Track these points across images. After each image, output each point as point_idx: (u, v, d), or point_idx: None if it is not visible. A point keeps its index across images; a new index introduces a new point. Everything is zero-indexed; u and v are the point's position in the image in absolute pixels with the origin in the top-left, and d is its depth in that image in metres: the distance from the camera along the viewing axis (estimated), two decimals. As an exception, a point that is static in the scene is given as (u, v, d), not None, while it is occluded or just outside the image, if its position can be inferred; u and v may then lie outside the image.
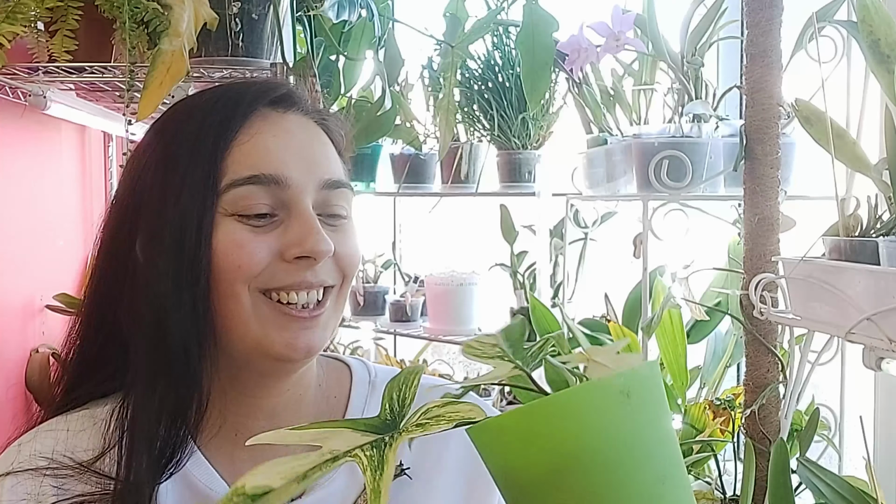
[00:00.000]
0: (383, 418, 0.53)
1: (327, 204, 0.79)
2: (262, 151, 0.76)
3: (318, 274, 0.76)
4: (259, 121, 0.78)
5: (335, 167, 0.81)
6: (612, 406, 0.50)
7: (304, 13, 1.50)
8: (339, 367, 0.89)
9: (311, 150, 0.79)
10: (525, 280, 1.93)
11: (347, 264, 0.79)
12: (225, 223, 0.75)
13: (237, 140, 0.77)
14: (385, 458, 0.49)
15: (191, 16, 1.18)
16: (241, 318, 0.75)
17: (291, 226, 0.76)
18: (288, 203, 0.76)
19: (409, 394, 0.54)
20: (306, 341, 0.76)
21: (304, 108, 0.82)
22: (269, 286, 0.75)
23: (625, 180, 1.42)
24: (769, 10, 1.11)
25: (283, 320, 0.75)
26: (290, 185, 0.76)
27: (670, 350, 1.43)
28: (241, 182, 0.75)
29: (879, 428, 1.38)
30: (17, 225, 1.72)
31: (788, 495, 1.06)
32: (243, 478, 0.47)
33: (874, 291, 0.84)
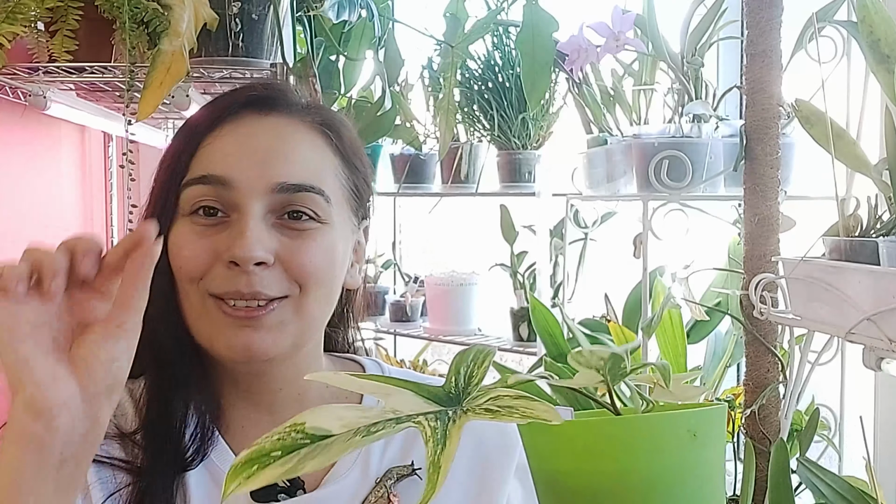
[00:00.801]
0: (447, 389, 0.51)
1: (287, 205, 0.76)
2: (217, 153, 0.77)
3: (254, 284, 0.73)
4: (231, 123, 0.78)
5: (302, 171, 0.77)
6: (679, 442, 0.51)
7: (304, 13, 1.49)
8: (351, 366, 0.89)
9: (272, 153, 0.77)
10: (525, 280, 1.93)
11: (301, 274, 0.76)
12: (181, 224, 0.77)
13: (204, 142, 0.78)
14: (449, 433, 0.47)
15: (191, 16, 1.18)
16: (194, 317, 0.76)
17: (231, 228, 0.75)
18: (235, 205, 0.75)
19: (479, 372, 0.51)
20: (245, 342, 0.74)
21: (292, 110, 0.81)
22: (212, 291, 0.75)
23: (625, 180, 1.42)
24: (769, 10, 1.11)
25: (223, 320, 0.74)
26: (234, 187, 0.75)
27: (670, 350, 1.43)
28: (192, 182, 0.76)
29: (879, 428, 1.38)
30: (17, 225, 1.72)
31: (788, 495, 1.06)
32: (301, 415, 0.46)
33: (874, 291, 0.84)
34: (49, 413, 0.61)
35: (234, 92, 0.84)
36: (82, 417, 0.62)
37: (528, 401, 0.48)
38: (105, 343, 0.63)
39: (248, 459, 0.46)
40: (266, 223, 0.75)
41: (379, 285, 2.19)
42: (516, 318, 1.92)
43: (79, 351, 0.63)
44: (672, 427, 0.51)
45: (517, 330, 1.91)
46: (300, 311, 0.76)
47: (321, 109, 0.84)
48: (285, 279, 0.75)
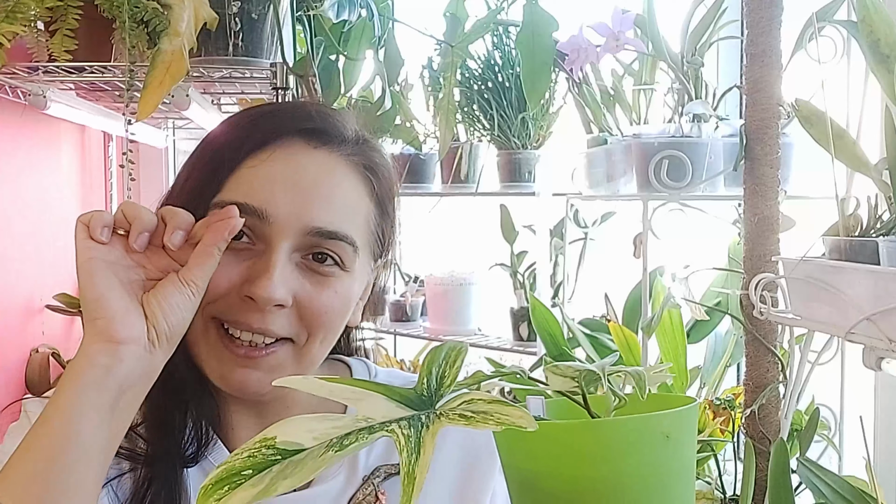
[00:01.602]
0: (419, 392, 0.49)
1: (315, 248, 0.76)
2: (257, 181, 0.75)
3: (266, 321, 0.73)
4: (280, 149, 0.76)
5: (339, 217, 0.76)
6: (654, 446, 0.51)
7: (304, 13, 1.49)
8: (338, 367, 0.89)
9: (314, 193, 0.76)
10: (525, 280, 1.93)
11: (312, 320, 0.75)
12: None
13: (246, 163, 0.76)
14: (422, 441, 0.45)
15: (191, 15, 1.18)
16: (193, 338, 0.75)
17: (258, 262, 0.74)
18: (266, 238, 0.74)
19: (451, 372, 0.51)
20: (241, 380, 0.74)
21: (340, 146, 0.79)
22: (218, 315, 0.74)
23: (625, 180, 1.42)
24: (769, 10, 1.11)
25: (221, 352, 0.75)
26: (270, 222, 0.74)
27: (670, 350, 1.43)
28: (225, 204, 0.74)
29: (879, 428, 1.38)
30: (17, 225, 1.72)
31: (788, 495, 1.06)
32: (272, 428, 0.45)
33: (874, 291, 0.84)
34: (117, 344, 0.66)
35: (284, 111, 0.82)
36: (144, 356, 0.68)
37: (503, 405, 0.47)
38: (175, 293, 0.69)
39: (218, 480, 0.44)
40: (291, 262, 0.75)
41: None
42: (516, 318, 1.92)
43: (150, 297, 0.69)
44: (646, 430, 0.51)
45: (517, 330, 1.91)
46: (300, 357, 0.77)
47: (368, 148, 0.82)
48: (296, 322, 0.75)
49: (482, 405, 0.47)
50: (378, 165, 0.81)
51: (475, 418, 0.46)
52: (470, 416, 0.46)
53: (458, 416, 0.46)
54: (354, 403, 0.48)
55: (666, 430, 0.51)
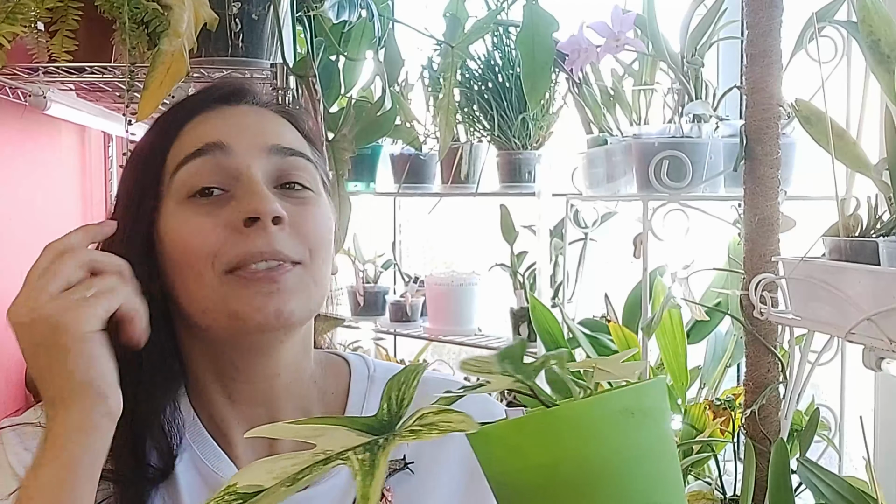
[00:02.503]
0: (380, 418, 0.51)
1: (283, 173, 0.77)
2: (206, 127, 0.78)
3: (273, 243, 0.73)
4: (208, 112, 0.80)
5: (289, 138, 0.80)
6: (616, 423, 0.50)
7: (304, 13, 1.49)
8: (337, 362, 0.89)
9: (259, 124, 0.80)
10: (525, 280, 1.93)
11: (310, 237, 0.77)
12: (177, 210, 0.76)
13: (185, 129, 0.79)
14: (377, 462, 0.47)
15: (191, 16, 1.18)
16: (213, 299, 0.74)
17: (239, 195, 0.75)
18: (234, 173, 0.75)
19: (409, 394, 0.52)
20: (276, 305, 0.73)
21: (258, 101, 0.83)
22: (230, 264, 0.74)
23: (625, 180, 1.42)
24: (769, 11, 1.11)
25: (248, 290, 0.73)
26: (233, 150, 0.76)
27: (670, 350, 1.43)
28: (187, 159, 0.76)
29: (879, 428, 1.38)
30: (17, 225, 1.72)
31: (788, 495, 1.06)
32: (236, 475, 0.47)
33: (874, 291, 0.84)
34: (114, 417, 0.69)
35: (197, 92, 0.86)
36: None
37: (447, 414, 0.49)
38: None
39: None
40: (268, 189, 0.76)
41: (379, 285, 2.19)
42: (516, 318, 1.92)
43: None
44: (604, 409, 0.50)
45: (517, 330, 1.91)
46: (314, 277, 0.77)
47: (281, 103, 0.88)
48: (298, 242, 0.75)
49: (430, 417, 0.49)
50: (298, 112, 0.86)
51: (423, 430, 0.49)
52: (419, 429, 0.49)
53: (408, 431, 0.49)
54: (316, 440, 0.49)
55: (629, 406, 0.50)
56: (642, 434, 0.51)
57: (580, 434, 0.49)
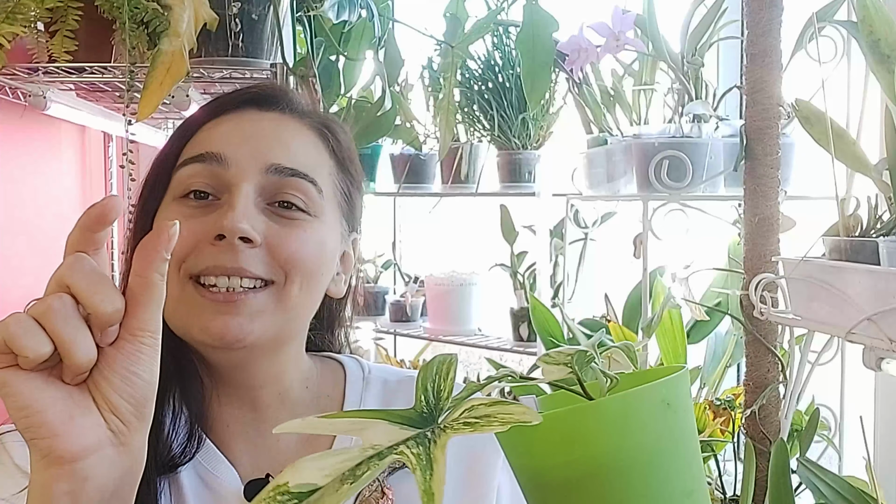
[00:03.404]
0: (419, 410, 0.49)
1: (279, 192, 0.76)
2: (213, 136, 0.78)
3: (239, 259, 0.72)
4: (232, 114, 0.80)
5: (298, 158, 0.78)
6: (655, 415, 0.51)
7: (304, 13, 1.49)
8: (332, 365, 0.89)
9: (269, 138, 0.78)
10: (525, 280, 1.93)
11: (288, 261, 0.74)
12: (170, 206, 0.77)
13: (203, 129, 0.79)
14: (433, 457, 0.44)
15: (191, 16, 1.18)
16: (171, 305, 0.72)
17: (220, 208, 0.74)
18: (227, 184, 0.75)
19: (446, 386, 0.50)
20: (221, 326, 0.72)
21: (292, 110, 0.82)
22: (194, 270, 0.73)
23: (625, 180, 1.42)
24: (769, 11, 1.11)
25: (200, 303, 0.73)
26: (230, 165, 0.75)
27: (670, 350, 1.43)
28: (187, 161, 0.77)
29: (879, 428, 1.38)
30: (18, 225, 1.72)
31: (788, 495, 1.06)
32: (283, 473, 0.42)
33: (874, 291, 0.84)
34: (74, 462, 0.52)
35: (236, 90, 0.85)
36: (116, 455, 0.54)
37: (504, 405, 0.47)
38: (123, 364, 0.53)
39: None
40: (256, 206, 0.75)
41: (379, 285, 2.19)
42: (516, 318, 1.92)
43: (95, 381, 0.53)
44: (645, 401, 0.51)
45: (517, 330, 1.91)
46: (282, 301, 0.74)
47: (321, 114, 0.85)
48: (270, 262, 0.74)
49: (484, 409, 0.47)
50: (334, 124, 0.84)
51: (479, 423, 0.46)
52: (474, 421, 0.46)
53: (462, 424, 0.46)
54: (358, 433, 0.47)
55: (665, 397, 0.51)
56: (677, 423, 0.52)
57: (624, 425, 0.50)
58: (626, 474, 0.50)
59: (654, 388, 0.51)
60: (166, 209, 0.77)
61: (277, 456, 0.80)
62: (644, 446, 0.50)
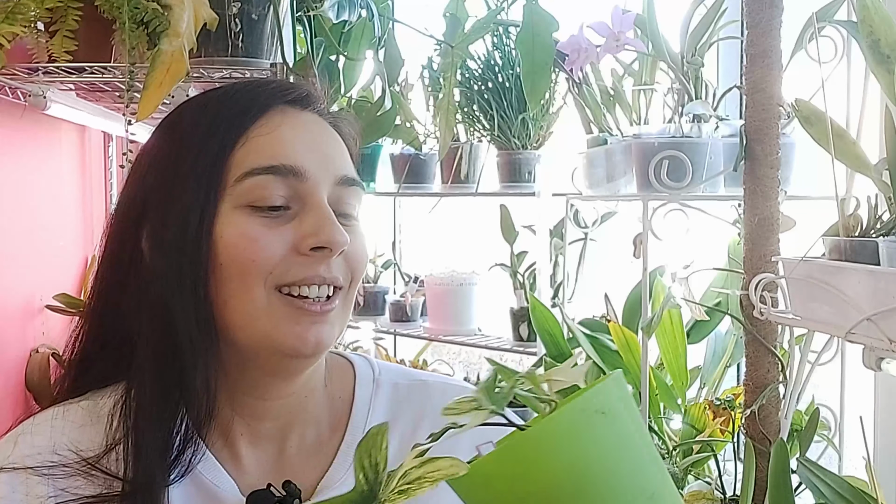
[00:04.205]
0: (360, 490, 0.50)
1: (340, 201, 0.79)
2: (281, 143, 0.77)
3: (332, 269, 0.76)
4: (278, 115, 0.79)
5: (349, 165, 0.82)
6: (591, 427, 0.50)
7: (304, 13, 1.49)
8: (342, 364, 0.88)
9: (327, 147, 0.80)
10: (525, 280, 1.93)
11: (357, 263, 0.79)
12: (235, 215, 0.74)
13: (254, 131, 0.76)
14: None
15: (191, 16, 1.18)
16: (253, 314, 0.74)
17: (306, 218, 0.75)
18: (304, 196, 0.76)
19: (381, 457, 0.51)
20: (316, 335, 0.75)
21: (318, 109, 0.83)
22: (284, 281, 0.74)
23: (625, 180, 1.42)
24: (769, 11, 1.11)
25: (295, 314, 0.74)
26: (307, 178, 0.76)
27: (670, 350, 1.43)
28: (258, 172, 0.75)
29: (879, 428, 1.38)
30: (18, 225, 1.72)
31: (788, 495, 1.06)
32: None
33: (874, 291, 0.84)
34: None
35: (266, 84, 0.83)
36: None
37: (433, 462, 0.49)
38: None
39: None
40: None
41: (379, 285, 2.19)
42: (516, 318, 1.92)
43: None
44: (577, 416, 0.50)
45: (517, 330, 1.91)
46: (346, 304, 0.79)
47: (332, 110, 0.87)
48: (346, 269, 0.78)
49: (415, 472, 0.49)
50: (343, 121, 0.86)
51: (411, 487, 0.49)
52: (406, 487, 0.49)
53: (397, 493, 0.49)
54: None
55: (597, 407, 0.50)
56: (617, 429, 0.51)
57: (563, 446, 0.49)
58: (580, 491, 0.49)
59: (583, 400, 0.50)
60: (231, 220, 0.74)
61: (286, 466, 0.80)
62: (590, 459, 0.50)
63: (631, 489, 0.51)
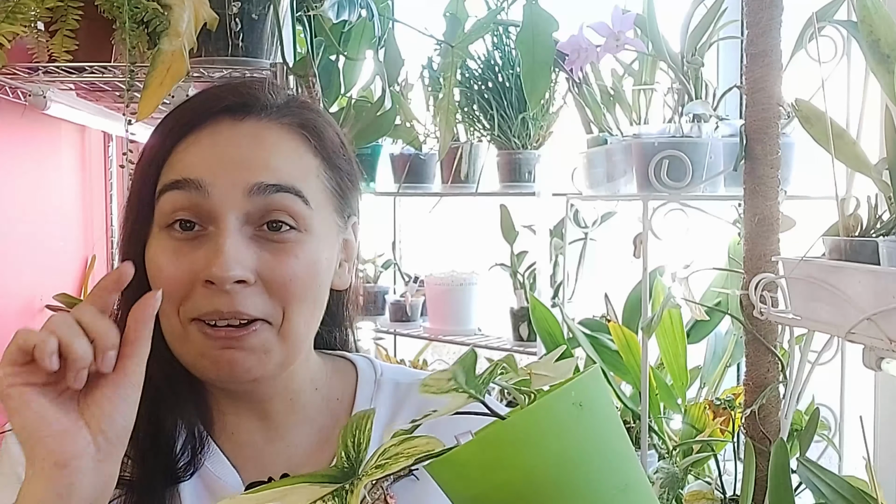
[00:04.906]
0: (340, 466, 0.52)
1: (264, 213, 0.73)
2: (191, 157, 0.74)
3: (235, 303, 0.71)
4: (208, 128, 0.75)
5: (280, 171, 0.74)
6: (567, 419, 0.51)
7: (304, 13, 1.49)
8: (344, 366, 0.87)
9: (249, 157, 0.74)
10: (525, 280, 1.93)
11: (282, 292, 0.73)
12: (158, 238, 0.74)
13: (178, 148, 0.75)
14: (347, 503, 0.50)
15: (191, 16, 1.18)
16: (175, 341, 0.74)
17: (207, 243, 0.72)
18: (211, 214, 0.72)
19: (364, 438, 0.53)
20: (229, 359, 0.72)
21: (270, 113, 0.77)
22: (193, 315, 0.72)
23: (625, 180, 1.42)
24: (769, 10, 1.11)
25: (205, 342, 0.72)
26: (210, 192, 0.72)
27: (670, 350, 1.43)
28: (166, 188, 0.73)
29: (879, 428, 1.38)
30: (18, 225, 1.72)
31: (788, 495, 1.06)
32: None
33: (874, 291, 0.84)
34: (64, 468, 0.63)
35: (206, 96, 0.80)
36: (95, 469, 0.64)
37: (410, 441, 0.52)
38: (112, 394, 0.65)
39: None
40: (244, 236, 0.72)
41: (379, 285, 2.19)
42: (516, 318, 1.92)
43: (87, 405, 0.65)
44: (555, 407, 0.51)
45: (517, 330, 1.91)
46: (284, 337, 0.74)
47: (301, 108, 0.80)
48: (267, 298, 0.72)
49: (393, 449, 0.52)
50: (314, 121, 0.79)
51: (388, 462, 0.51)
52: (384, 462, 0.52)
53: (374, 468, 0.52)
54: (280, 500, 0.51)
55: (574, 399, 0.51)
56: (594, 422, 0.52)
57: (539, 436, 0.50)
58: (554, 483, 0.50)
59: (561, 393, 0.51)
60: (155, 240, 0.74)
61: (285, 462, 0.80)
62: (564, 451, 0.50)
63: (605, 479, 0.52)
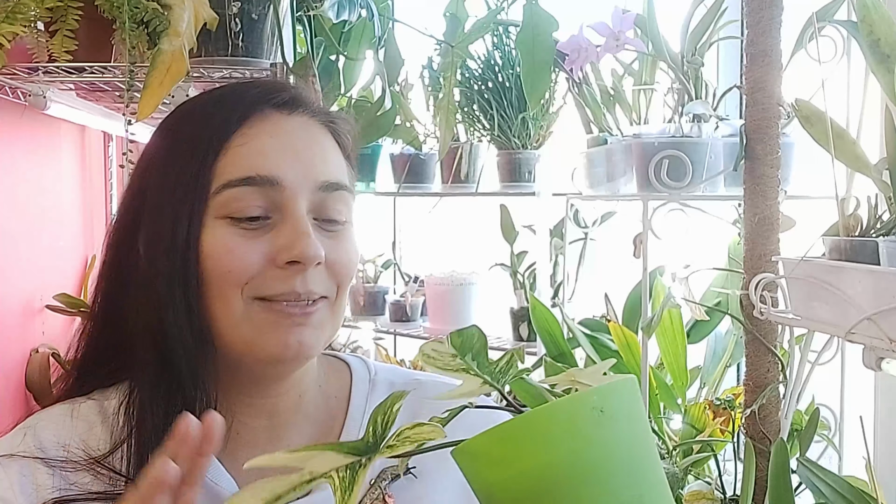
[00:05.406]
0: (366, 440, 0.54)
1: (324, 207, 0.77)
2: (258, 153, 0.76)
3: (308, 283, 0.75)
4: (259, 122, 0.77)
5: (335, 169, 0.79)
6: (586, 422, 0.51)
7: (304, 13, 1.49)
8: (338, 365, 0.89)
9: (310, 152, 0.78)
10: (525, 280, 1.93)
11: (340, 273, 0.78)
12: (216, 226, 0.75)
13: (234, 141, 0.76)
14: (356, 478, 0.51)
15: (191, 16, 1.18)
16: (232, 322, 0.75)
17: (283, 230, 0.75)
18: (281, 205, 0.75)
19: (392, 417, 0.55)
20: (298, 339, 0.75)
21: (310, 110, 0.81)
22: (260, 294, 0.74)
23: (625, 180, 1.42)
24: (769, 10, 1.11)
25: (275, 319, 0.74)
26: (284, 187, 0.75)
27: (670, 350, 1.43)
28: (234, 184, 0.75)
29: (879, 428, 1.38)
30: (18, 225, 1.72)
31: (788, 495, 1.06)
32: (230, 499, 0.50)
33: (874, 291, 0.84)
34: None
35: (252, 87, 0.82)
36: None
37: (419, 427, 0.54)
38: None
39: None
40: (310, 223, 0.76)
41: (379, 285, 2.19)
42: (516, 318, 1.92)
43: None
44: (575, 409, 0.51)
45: (517, 330, 1.91)
46: (335, 312, 0.79)
47: (325, 108, 0.85)
48: (328, 279, 0.77)
49: (407, 433, 0.54)
50: (339, 120, 0.84)
51: (397, 444, 0.54)
52: (395, 444, 0.54)
53: (386, 448, 0.54)
54: (306, 462, 0.52)
55: (596, 405, 0.51)
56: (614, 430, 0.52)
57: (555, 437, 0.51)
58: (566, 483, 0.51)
59: (583, 396, 0.52)
60: (214, 228, 0.75)
61: None
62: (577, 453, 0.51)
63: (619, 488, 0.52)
